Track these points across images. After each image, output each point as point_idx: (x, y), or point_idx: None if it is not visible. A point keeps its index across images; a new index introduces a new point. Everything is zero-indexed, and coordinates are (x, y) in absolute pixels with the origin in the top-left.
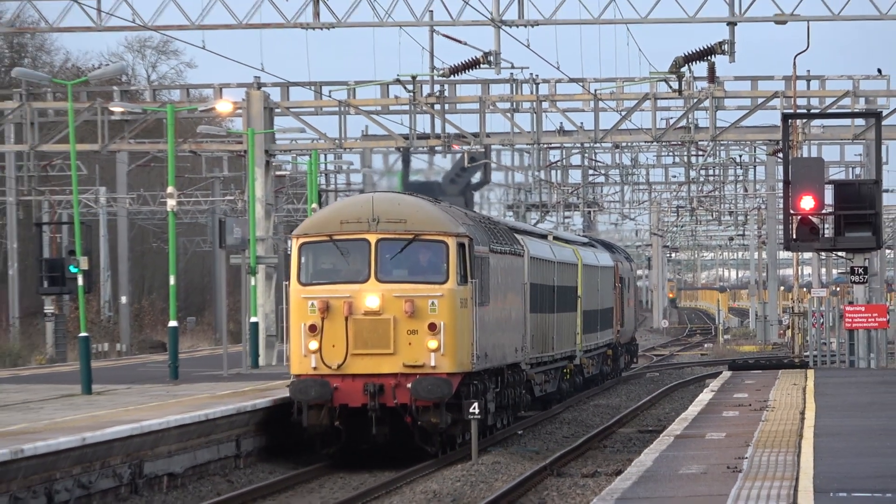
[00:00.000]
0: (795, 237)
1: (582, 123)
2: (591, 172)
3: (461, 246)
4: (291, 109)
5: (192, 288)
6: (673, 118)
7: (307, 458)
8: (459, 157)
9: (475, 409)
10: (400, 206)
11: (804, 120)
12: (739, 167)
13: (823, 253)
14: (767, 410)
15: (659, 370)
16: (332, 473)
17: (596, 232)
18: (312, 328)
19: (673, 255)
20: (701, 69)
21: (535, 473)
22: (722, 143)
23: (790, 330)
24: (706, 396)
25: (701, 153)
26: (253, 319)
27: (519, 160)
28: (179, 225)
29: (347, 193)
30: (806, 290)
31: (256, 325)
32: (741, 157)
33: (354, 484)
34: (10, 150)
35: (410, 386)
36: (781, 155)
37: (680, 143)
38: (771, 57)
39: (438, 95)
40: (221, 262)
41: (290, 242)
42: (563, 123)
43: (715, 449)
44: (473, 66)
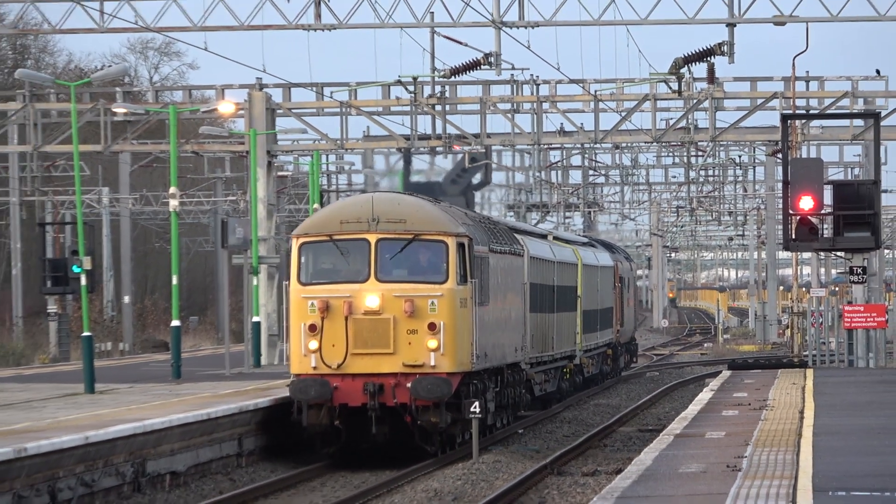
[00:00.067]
0: (795, 237)
1: (582, 124)
2: (591, 173)
3: (461, 246)
4: (293, 110)
5: (194, 288)
6: (673, 119)
7: (308, 457)
8: (460, 157)
9: (476, 408)
10: (400, 205)
11: (803, 121)
12: (739, 167)
13: (822, 253)
14: (767, 410)
15: (659, 369)
16: (333, 472)
17: (596, 232)
18: (312, 328)
19: (673, 255)
20: (700, 70)
21: (535, 472)
22: (721, 143)
23: (789, 330)
24: (706, 396)
25: (700, 154)
26: (255, 319)
27: (519, 161)
28: (182, 225)
29: (349, 194)
30: (805, 289)
31: (258, 324)
32: (741, 157)
33: (356, 483)
34: (13, 150)
35: (410, 385)
36: (781, 155)
37: (680, 143)
38: (770, 58)
39: (439, 96)
40: (224, 262)
41: (290, 242)
42: (563, 124)
43: (714, 448)
44: (474, 67)
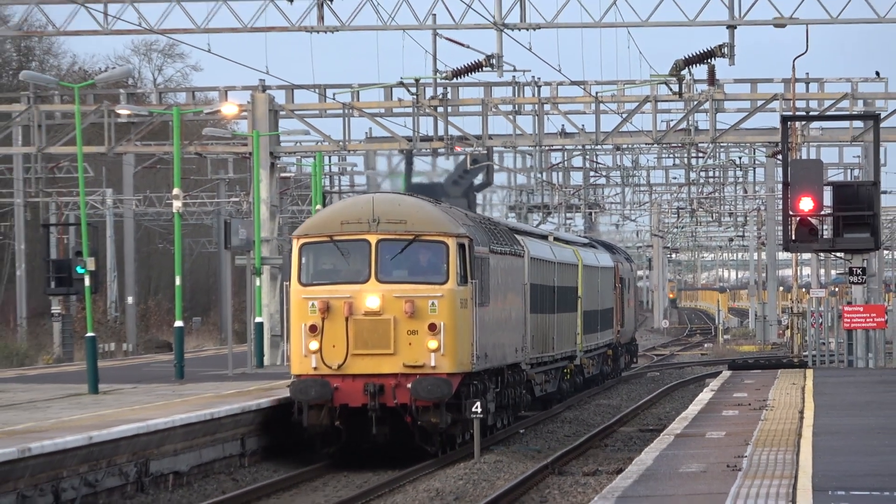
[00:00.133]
0: (794, 238)
1: (583, 126)
2: (592, 174)
3: (461, 246)
4: (296, 112)
5: (197, 288)
6: (673, 120)
7: (310, 457)
8: (462, 159)
9: (478, 408)
10: (400, 206)
11: (803, 122)
12: (739, 169)
13: (822, 254)
14: (767, 410)
15: (659, 370)
16: (335, 472)
17: (597, 233)
18: (313, 328)
19: (673, 255)
20: (701, 72)
21: (536, 472)
22: (722, 144)
23: (789, 330)
24: (706, 396)
25: (701, 155)
26: (258, 319)
27: (521, 162)
28: (185, 226)
29: (351, 195)
30: (805, 290)
31: (261, 325)
32: (741, 158)
33: (358, 482)
34: (17, 152)
35: (410, 386)
36: (781, 157)
37: (680, 145)
38: (770, 60)
39: (441, 98)
40: (227, 262)
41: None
42: (564, 126)
43: (715, 448)
44: (476, 68)
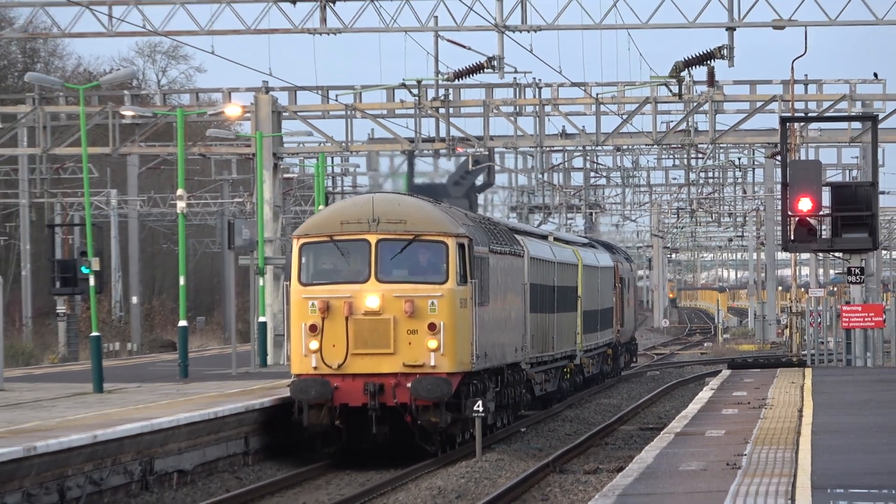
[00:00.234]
0: (793, 238)
1: (584, 127)
2: (592, 175)
3: (461, 246)
4: (299, 113)
5: (201, 288)
6: (673, 121)
7: (313, 456)
8: (463, 159)
9: (479, 407)
10: (400, 206)
11: (802, 123)
12: (738, 169)
13: (821, 254)
14: (766, 408)
15: (659, 369)
16: (338, 471)
17: (598, 233)
18: (313, 328)
19: (673, 255)
20: (700, 73)
21: (537, 470)
22: (721, 145)
23: (788, 329)
24: (706, 395)
25: (700, 156)
26: (261, 319)
27: (522, 163)
28: (189, 226)
29: (354, 195)
30: (804, 290)
31: (265, 324)
32: (740, 159)
33: (360, 481)
34: (23, 153)
35: (410, 385)
36: (780, 157)
37: (680, 145)
38: (769, 61)
39: (443, 99)
40: (230, 262)
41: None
42: (565, 127)
43: (714, 446)
44: (477, 70)
